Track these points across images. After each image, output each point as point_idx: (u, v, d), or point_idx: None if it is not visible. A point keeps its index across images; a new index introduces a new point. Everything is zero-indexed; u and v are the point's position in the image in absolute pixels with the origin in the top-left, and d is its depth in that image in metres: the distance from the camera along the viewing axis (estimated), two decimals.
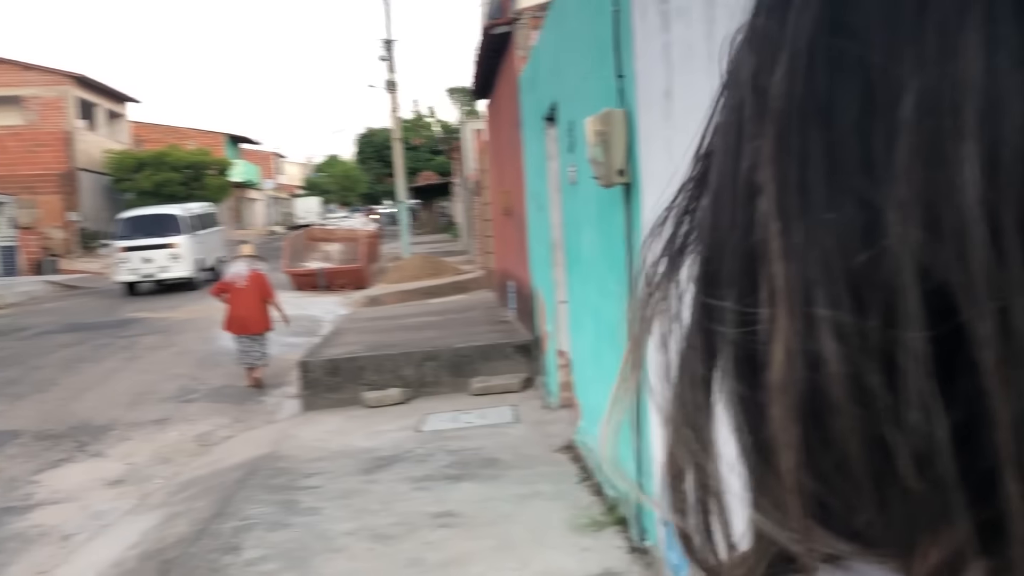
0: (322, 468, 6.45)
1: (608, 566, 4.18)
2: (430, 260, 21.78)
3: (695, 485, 0.37)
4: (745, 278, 0.31)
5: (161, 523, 5.78)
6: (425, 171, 52.22)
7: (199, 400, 10.13)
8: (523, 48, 9.25)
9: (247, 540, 4.95)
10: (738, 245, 0.31)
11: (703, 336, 0.35)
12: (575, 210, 5.83)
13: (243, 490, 5.98)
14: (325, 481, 6.07)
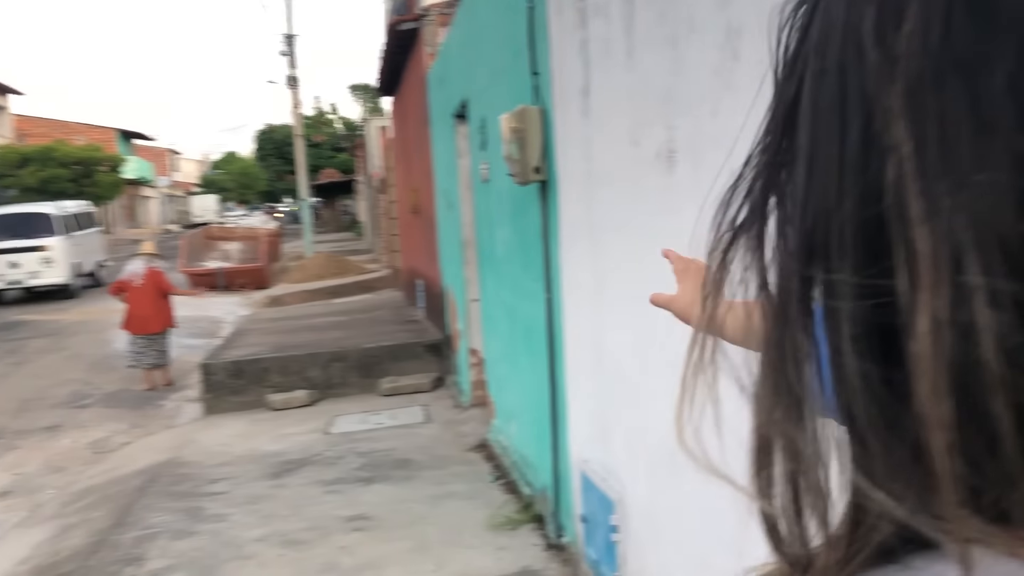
0: (227, 473, 6.25)
1: (525, 564, 4.17)
2: (334, 259, 21.41)
3: (786, 466, 0.35)
4: (864, 248, 0.29)
5: (55, 535, 5.49)
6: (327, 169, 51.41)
7: (93, 405, 9.67)
8: (431, 45, 9.17)
9: (150, 550, 4.74)
10: (852, 214, 0.29)
11: (800, 312, 0.33)
12: (488, 208, 5.80)
13: (144, 498, 5.73)
14: (231, 487, 5.88)
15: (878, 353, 0.29)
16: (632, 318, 2.93)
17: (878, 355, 0.29)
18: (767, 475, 0.36)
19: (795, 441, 0.34)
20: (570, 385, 3.80)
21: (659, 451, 2.77)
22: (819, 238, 0.31)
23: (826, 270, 0.30)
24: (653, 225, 2.68)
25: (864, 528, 0.32)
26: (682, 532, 2.61)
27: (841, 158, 0.30)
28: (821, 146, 0.31)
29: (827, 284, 0.31)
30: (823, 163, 0.31)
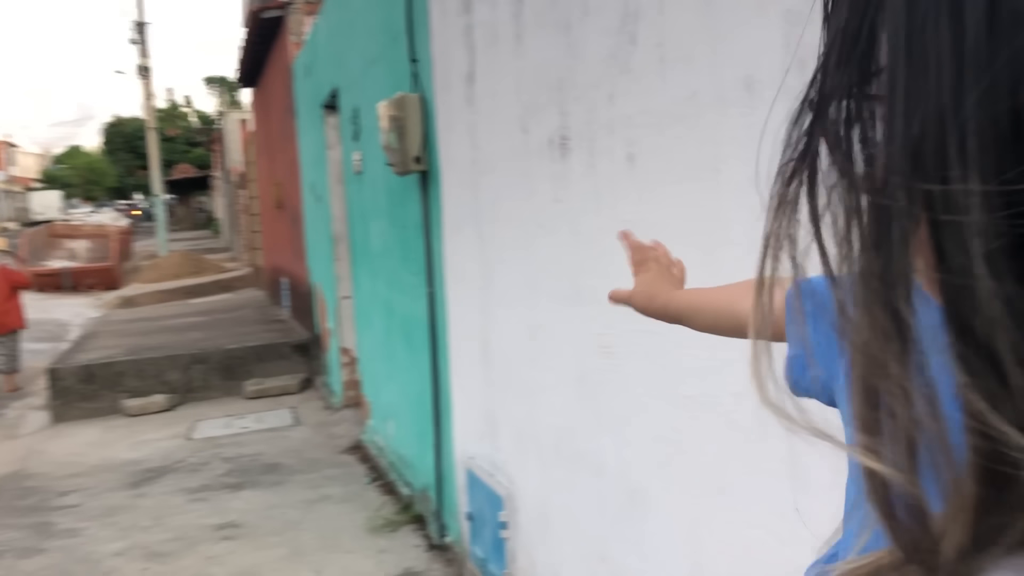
0: (80, 485, 5.82)
1: (407, 566, 4.05)
2: (191, 258, 20.50)
3: (899, 416, 0.30)
4: (995, 150, 0.25)
5: None
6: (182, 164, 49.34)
7: None
8: (296, 34, 8.88)
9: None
10: (976, 112, 0.25)
11: (904, 233, 0.29)
12: (361, 201, 5.63)
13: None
14: (84, 499, 5.47)
15: (1020, 273, 0.26)
16: (522, 310, 2.88)
17: (1020, 275, 0.26)
18: (875, 426, 0.31)
19: (906, 385, 0.30)
20: (455, 380, 3.71)
21: (550, 444, 2.73)
22: (930, 145, 0.27)
23: (942, 180, 0.27)
24: (544, 214, 2.63)
25: (1001, 496, 0.28)
26: (576, 526, 2.57)
27: (956, 49, 0.26)
28: (926, 40, 0.27)
29: (945, 197, 0.27)
30: (930, 59, 0.27)
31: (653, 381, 2.07)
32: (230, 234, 27.93)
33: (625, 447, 2.24)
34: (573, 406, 2.54)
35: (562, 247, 2.52)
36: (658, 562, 2.12)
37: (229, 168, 23.70)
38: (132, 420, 7.84)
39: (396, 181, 4.55)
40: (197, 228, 51.01)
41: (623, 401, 2.22)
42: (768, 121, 1.26)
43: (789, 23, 1.51)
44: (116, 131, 54.92)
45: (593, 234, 2.33)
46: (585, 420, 2.46)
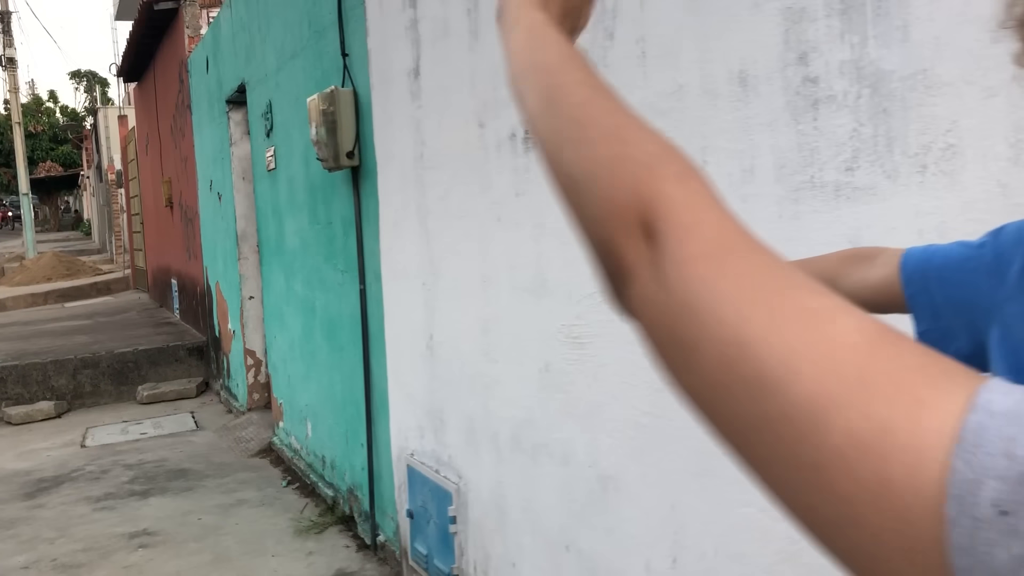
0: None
1: (339, 567, 3.99)
2: (63, 259, 19.42)
3: None
4: None
5: None
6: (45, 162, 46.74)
7: None
8: (192, 27, 8.59)
9: None
10: None
11: None
12: (275, 198, 5.51)
13: None
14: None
15: None
16: (474, 303, 2.89)
17: None
18: None
19: None
20: (392, 378, 3.68)
21: (507, 437, 2.75)
22: None
23: None
24: (503, 208, 2.66)
25: None
26: (537, 517, 2.61)
27: None
28: None
29: None
30: None
31: (629, 368, 2.13)
32: (104, 235, 26.67)
33: (595, 435, 2.28)
34: (534, 397, 2.57)
35: (524, 240, 2.55)
36: (632, 547, 2.17)
37: (105, 166, 22.62)
38: (16, 429, 7.40)
39: (320, 177, 4.49)
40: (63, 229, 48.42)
41: (594, 390, 2.27)
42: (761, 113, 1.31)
43: (788, 20, 1.60)
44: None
45: (560, 227, 2.37)
46: (549, 411, 2.50)
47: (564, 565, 2.49)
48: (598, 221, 0.46)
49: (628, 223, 0.44)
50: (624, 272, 0.45)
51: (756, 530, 1.76)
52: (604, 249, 0.46)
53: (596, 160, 0.47)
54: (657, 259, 0.42)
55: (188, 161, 8.86)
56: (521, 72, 0.56)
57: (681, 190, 0.44)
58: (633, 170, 0.45)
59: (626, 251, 0.44)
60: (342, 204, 4.21)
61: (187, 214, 9.26)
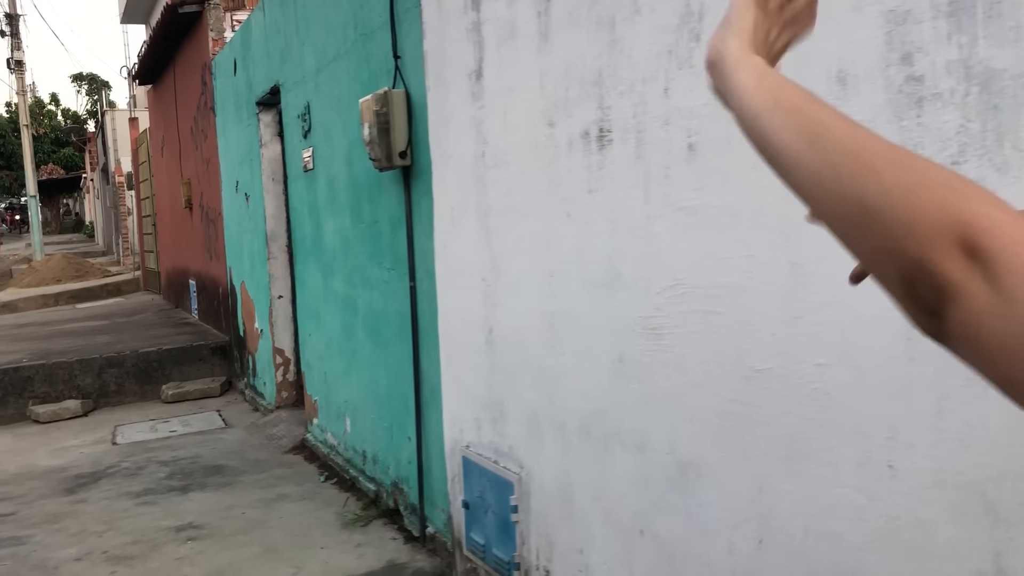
0: (7, 493, 5.53)
1: (390, 558, 4.07)
2: (72, 261, 19.49)
3: None
4: None
5: None
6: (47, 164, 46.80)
7: None
8: (216, 30, 8.68)
9: None
10: None
11: None
12: (311, 198, 5.59)
13: None
14: (18, 507, 5.21)
15: None
16: (539, 298, 2.97)
17: None
18: None
19: None
20: (446, 372, 3.76)
21: (575, 427, 2.83)
22: None
23: None
24: (574, 204, 2.74)
25: None
26: (608, 504, 2.69)
27: None
28: None
29: None
30: None
31: (712, 358, 2.21)
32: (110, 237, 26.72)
33: (675, 423, 2.37)
34: (606, 388, 2.65)
35: (596, 236, 2.64)
36: (714, 530, 2.26)
37: (111, 169, 22.68)
38: (44, 427, 7.48)
39: (366, 177, 4.57)
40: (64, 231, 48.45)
41: (674, 380, 2.35)
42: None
43: (891, 22, 1.68)
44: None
45: (637, 222, 2.45)
46: (622, 401, 2.58)
47: (638, 549, 2.57)
48: (904, 246, 0.48)
49: (945, 244, 0.46)
50: (946, 292, 0.46)
51: (851, 509, 1.84)
52: (914, 273, 0.48)
53: (889, 187, 0.50)
54: (992, 274, 0.44)
55: (211, 163, 8.94)
56: (762, 111, 0.62)
57: (995, 208, 0.47)
58: (939, 193, 0.47)
59: (947, 271, 0.46)
60: (390, 203, 4.29)
61: (209, 215, 9.34)
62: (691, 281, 2.26)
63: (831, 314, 1.87)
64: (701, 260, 2.22)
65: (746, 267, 2.09)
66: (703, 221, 2.21)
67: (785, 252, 1.98)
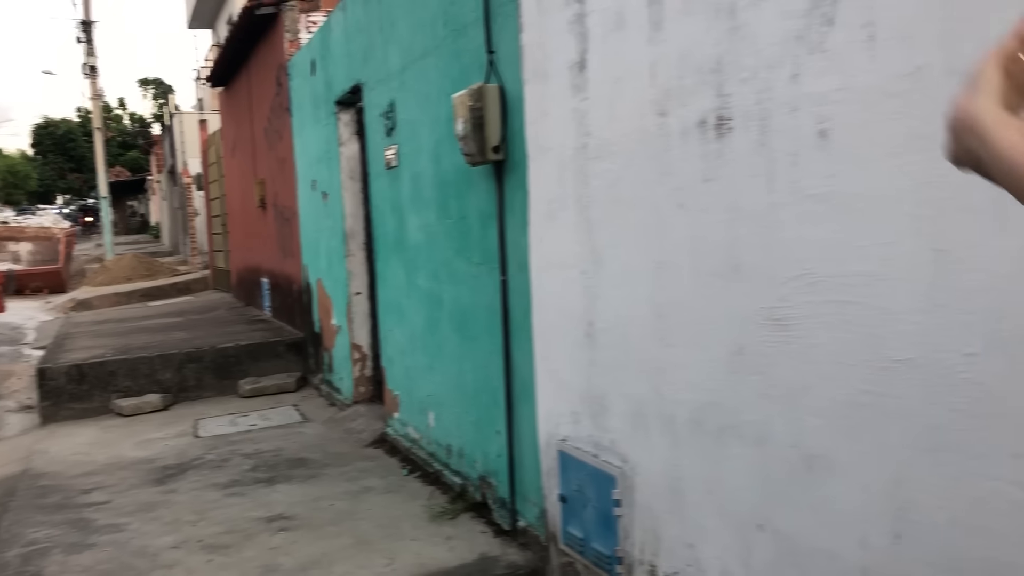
0: (100, 482, 5.68)
1: (482, 551, 4.08)
2: (143, 261, 20.03)
3: None
4: None
5: None
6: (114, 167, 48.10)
7: None
8: (292, 32, 8.82)
9: (47, 566, 4.21)
10: None
11: None
12: (394, 195, 5.63)
13: (9, 513, 5.08)
14: (111, 496, 5.35)
15: None
16: (647, 290, 2.95)
17: None
18: None
19: None
20: (540, 366, 3.75)
21: (685, 420, 2.80)
22: None
23: None
24: (687, 193, 2.71)
25: None
26: (723, 498, 2.65)
27: None
28: None
29: None
30: None
31: (844, 349, 2.17)
32: (176, 237, 27.32)
33: (800, 416, 2.32)
34: (721, 380, 2.62)
35: (713, 226, 2.61)
36: (843, 525, 2.21)
37: (179, 170, 23.20)
38: (127, 420, 7.66)
39: (453, 173, 4.59)
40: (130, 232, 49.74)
41: (800, 371, 2.31)
42: None
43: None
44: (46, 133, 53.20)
45: (759, 211, 2.42)
46: (740, 393, 2.55)
47: (756, 544, 2.53)
48: None
49: None
50: None
51: (1006, 503, 1.79)
52: None
53: None
54: None
55: (286, 162, 9.08)
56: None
57: None
58: None
59: None
60: (480, 198, 4.31)
61: (283, 214, 9.48)
62: (821, 270, 2.22)
63: (982, 302, 1.82)
64: (833, 249, 2.18)
65: (884, 255, 2.04)
66: (835, 209, 2.17)
67: (928, 239, 1.93)
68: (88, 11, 23.11)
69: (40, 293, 19.16)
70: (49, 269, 20.03)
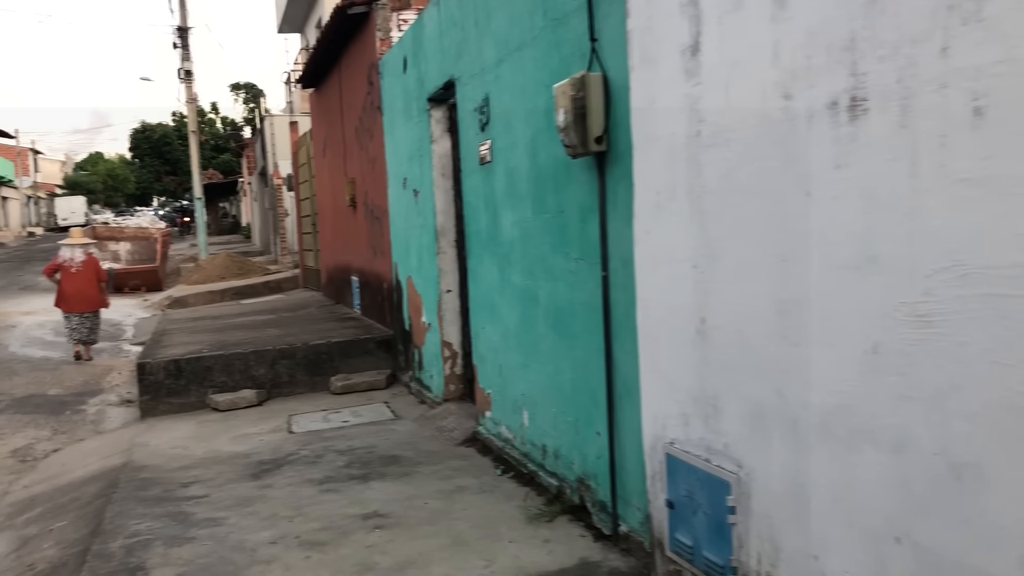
0: (198, 476, 5.76)
1: (582, 556, 3.95)
2: (235, 260, 20.54)
3: None
4: None
5: (15, 548, 4.90)
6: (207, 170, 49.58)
7: (4, 412, 8.84)
8: (383, 31, 8.85)
9: (149, 558, 4.26)
10: None
11: None
12: (488, 191, 5.55)
13: (112, 505, 5.18)
14: (209, 489, 5.40)
15: None
16: (768, 284, 2.78)
17: None
18: None
19: None
20: (646, 365, 3.61)
21: (811, 424, 2.63)
22: None
23: None
24: (811, 181, 2.54)
25: None
26: (854, 507, 2.47)
27: None
28: None
29: None
30: None
31: (1000, 347, 1.97)
32: (267, 237, 27.94)
33: (946, 420, 2.13)
34: (853, 382, 2.44)
35: (845, 214, 2.43)
36: (999, 540, 2.01)
37: (270, 172, 23.72)
38: (223, 415, 7.79)
39: (551, 167, 4.48)
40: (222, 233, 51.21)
41: (947, 372, 2.12)
42: None
43: None
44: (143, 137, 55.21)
45: (900, 197, 2.23)
46: (875, 395, 2.36)
47: (892, 557, 2.34)
48: None
49: None
50: None
51: None
52: None
53: None
54: None
55: (376, 161, 9.11)
56: None
57: None
58: None
59: None
60: (580, 191, 4.18)
61: (374, 213, 9.53)
62: (973, 261, 2.03)
63: None
64: (988, 237, 1.99)
65: None
66: (990, 193, 1.98)
67: None
68: (185, 17, 23.82)
69: (138, 291, 19.81)
70: (147, 268, 20.70)
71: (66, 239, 12.12)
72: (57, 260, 11.69)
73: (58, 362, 11.44)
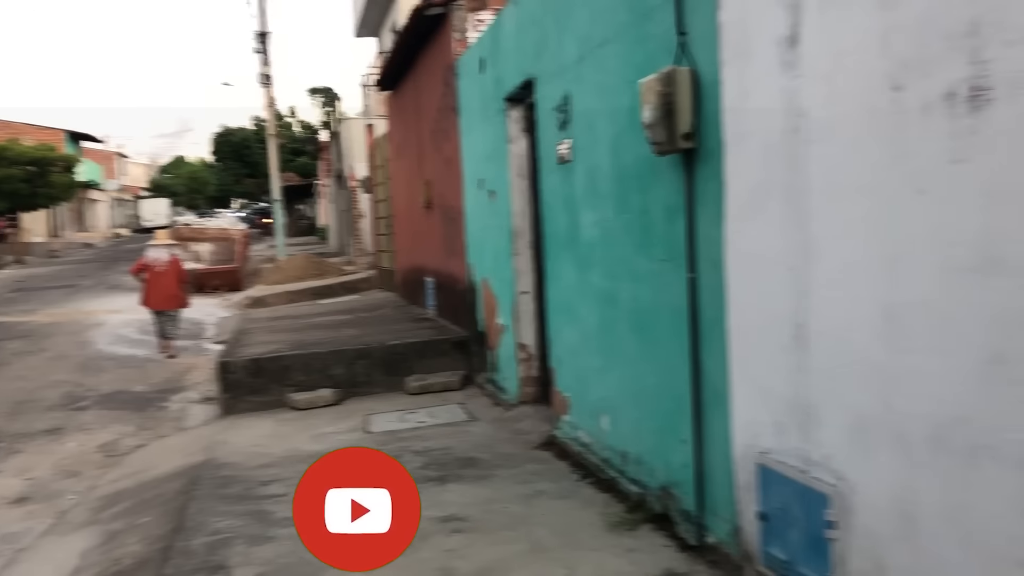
0: (277, 475, 5.79)
1: (666, 567, 3.82)
2: (313, 261, 20.85)
3: None
4: None
5: (102, 543, 4.98)
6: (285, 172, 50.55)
7: (92, 407, 9.09)
8: (460, 31, 8.82)
9: (230, 557, 4.28)
10: None
11: None
12: (567, 191, 5.45)
13: (195, 502, 5.25)
14: (289, 488, 5.41)
15: None
16: (873, 287, 2.62)
17: None
18: None
19: None
20: (737, 370, 3.46)
21: (923, 437, 2.46)
22: None
23: None
24: (924, 178, 2.38)
25: None
26: (972, 525, 2.30)
27: None
28: None
29: None
30: None
31: None
32: (343, 238, 28.33)
33: None
34: (973, 392, 2.27)
35: (962, 213, 2.26)
36: None
37: (346, 174, 24.03)
38: (302, 414, 7.85)
39: (634, 165, 4.36)
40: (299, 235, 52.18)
41: None
42: None
43: None
44: (224, 140, 56.61)
45: None
46: (998, 407, 2.19)
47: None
48: None
49: None
50: None
51: None
52: None
53: None
54: None
55: (452, 162, 9.09)
56: None
57: None
58: None
59: None
60: (665, 190, 4.05)
61: (449, 214, 9.52)
62: None
63: None
64: None
65: None
66: None
67: None
68: (264, 23, 24.31)
69: (218, 291, 20.24)
70: (227, 268, 21.14)
71: (153, 240, 12.58)
72: (143, 260, 12.12)
73: (143, 359, 11.74)
